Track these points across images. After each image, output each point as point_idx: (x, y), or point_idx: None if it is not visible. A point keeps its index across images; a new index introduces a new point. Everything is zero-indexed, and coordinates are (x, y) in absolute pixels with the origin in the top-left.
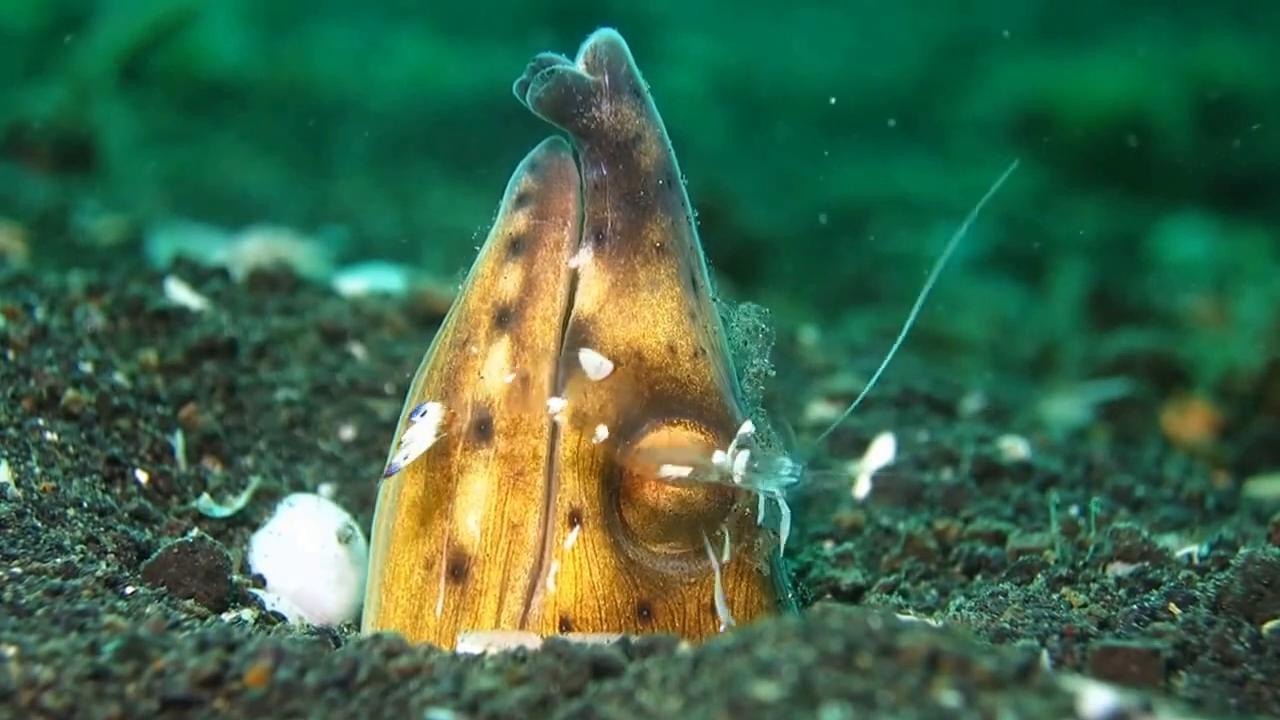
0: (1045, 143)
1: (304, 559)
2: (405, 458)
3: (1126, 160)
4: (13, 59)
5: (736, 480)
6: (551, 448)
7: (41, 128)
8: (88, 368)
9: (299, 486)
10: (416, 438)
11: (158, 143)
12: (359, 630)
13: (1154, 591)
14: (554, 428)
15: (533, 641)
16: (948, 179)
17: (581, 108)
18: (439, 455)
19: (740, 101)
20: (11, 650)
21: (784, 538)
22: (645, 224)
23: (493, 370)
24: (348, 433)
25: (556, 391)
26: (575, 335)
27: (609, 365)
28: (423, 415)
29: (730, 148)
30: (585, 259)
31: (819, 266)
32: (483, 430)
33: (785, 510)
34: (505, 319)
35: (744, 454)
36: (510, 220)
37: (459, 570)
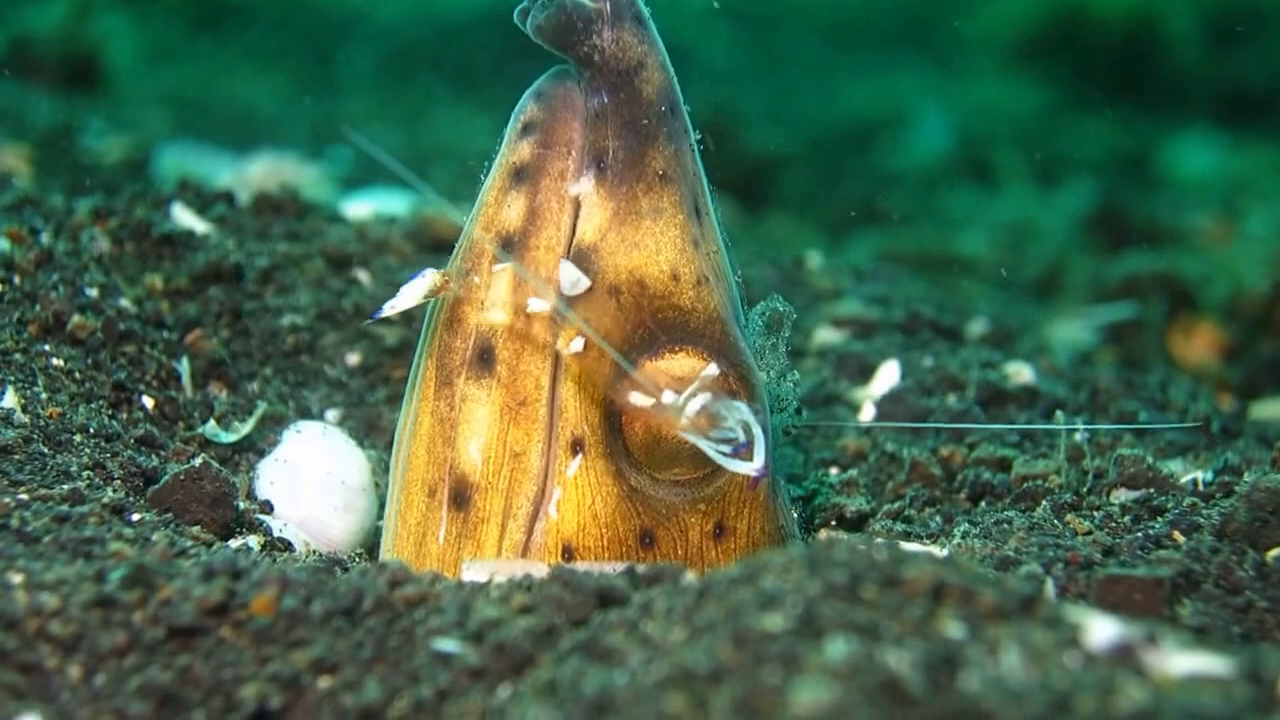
0: (1053, 56)
1: (310, 486)
2: (392, 307)
3: (1135, 74)
4: None
5: (682, 424)
6: (553, 377)
7: (45, 43)
8: (93, 293)
9: (305, 412)
10: (405, 293)
11: (163, 59)
12: (373, 558)
13: (1159, 518)
14: (556, 356)
15: (539, 570)
16: (955, 95)
17: (582, 35)
18: (443, 384)
19: (745, 16)
20: (18, 578)
21: (760, 461)
22: (647, 152)
23: (496, 299)
24: (353, 358)
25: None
26: (577, 263)
27: (585, 281)
28: (421, 276)
29: (735, 64)
30: (587, 187)
31: (825, 187)
32: (485, 359)
33: (760, 438)
34: (509, 248)
35: (699, 399)
36: (515, 149)
37: (461, 497)
